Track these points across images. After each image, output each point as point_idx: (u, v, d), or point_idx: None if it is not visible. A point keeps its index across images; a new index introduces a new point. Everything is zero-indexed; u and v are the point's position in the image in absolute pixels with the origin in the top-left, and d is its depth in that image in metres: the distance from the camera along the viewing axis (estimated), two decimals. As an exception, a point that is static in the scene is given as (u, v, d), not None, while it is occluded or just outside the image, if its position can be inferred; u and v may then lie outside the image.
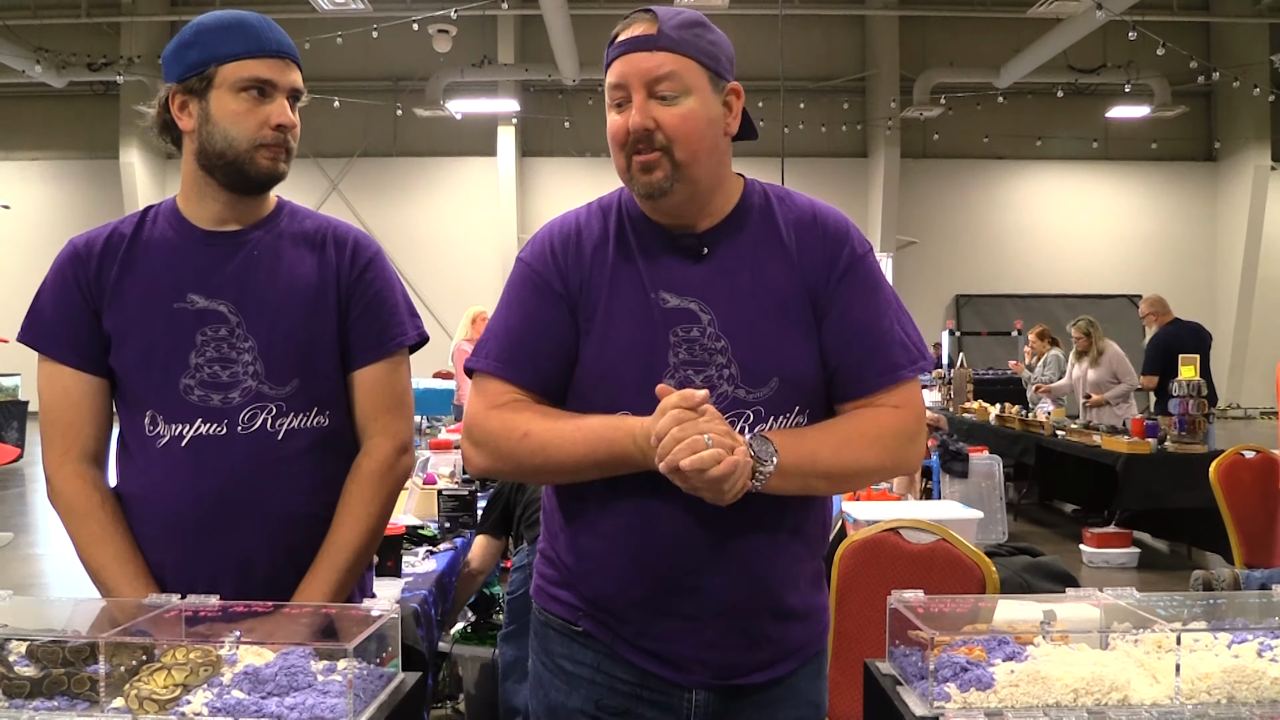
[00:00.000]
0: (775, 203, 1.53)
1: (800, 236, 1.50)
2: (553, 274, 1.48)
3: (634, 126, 1.39)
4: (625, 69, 1.41)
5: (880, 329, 1.48)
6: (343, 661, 1.21)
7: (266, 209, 1.74)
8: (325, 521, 1.68)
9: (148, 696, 1.15)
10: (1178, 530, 6.70)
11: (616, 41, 1.44)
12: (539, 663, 1.59)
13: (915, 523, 2.53)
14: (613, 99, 1.43)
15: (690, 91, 1.41)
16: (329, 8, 12.69)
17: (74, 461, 1.65)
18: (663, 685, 1.49)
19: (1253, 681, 1.28)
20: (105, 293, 1.65)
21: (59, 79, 14.91)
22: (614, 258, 1.48)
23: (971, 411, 8.92)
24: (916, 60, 16.07)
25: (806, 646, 1.55)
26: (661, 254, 1.48)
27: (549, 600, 1.56)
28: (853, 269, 1.49)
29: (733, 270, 1.47)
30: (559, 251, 1.50)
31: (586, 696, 1.51)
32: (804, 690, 1.56)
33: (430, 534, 3.29)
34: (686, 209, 1.46)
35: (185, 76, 1.63)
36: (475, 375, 1.51)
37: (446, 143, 16.75)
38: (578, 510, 1.51)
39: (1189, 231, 17.13)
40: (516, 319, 1.50)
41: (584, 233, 1.51)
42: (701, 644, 1.46)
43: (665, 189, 1.42)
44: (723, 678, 1.49)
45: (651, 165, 1.40)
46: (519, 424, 1.43)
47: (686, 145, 1.40)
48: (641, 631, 1.47)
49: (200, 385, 1.62)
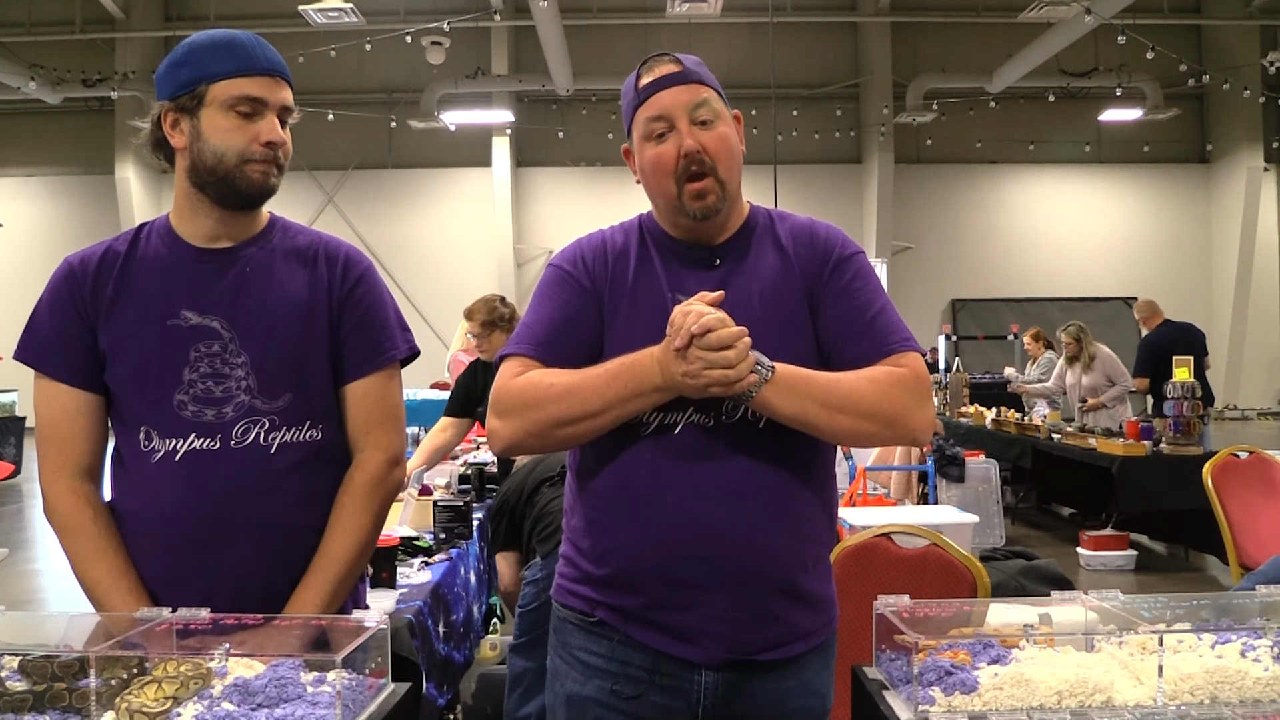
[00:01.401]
0: (776, 220, 1.70)
1: (798, 243, 1.66)
2: (582, 274, 1.63)
3: (689, 149, 1.55)
4: (667, 101, 1.58)
5: (873, 311, 1.60)
6: (332, 673, 1.22)
7: (259, 225, 1.75)
8: (318, 534, 1.69)
9: (138, 709, 1.16)
10: (1175, 532, 6.71)
11: (645, 83, 1.60)
12: (557, 657, 1.67)
13: (907, 528, 2.54)
14: (653, 131, 1.59)
15: (720, 117, 1.60)
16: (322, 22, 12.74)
17: (69, 477, 1.67)
18: (674, 667, 1.56)
19: (1235, 682, 1.30)
20: (100, 310, 1.67)
21: (54, 95, 14.95)
22: (636, 264, 1.64)
23: (968, 416, 8.94)
24: (909, 66, 16.13)
25: (815, 634, 1.61)
26: (679, 264, 1.64)
27: (568, 596, 1.65)
28: (844, 263, 1.63)
29: (740, 276, 1.62)
30: (588, 257, 1.65)
31: (600, 685, 1.59)
32: (811, 679, 1.61)
33: (425, 545, 3.30)
34: (715, 227, 1.63)
35: (177, 94, 1.64)
36: (505, 360, 1.61)
37: (441, 154, 16.79)
38: (594, 493, 1.60)
39: (1183, 234, 17.17)
40: (547, 309, 1.63)
41: (609, 244, 1.67)
42: (712, 615, 1.53)
43: (718, 209, 1.59)
44: (730, 652, 1.54)
45: (705, 192, 1.57)
46: (544, 378, 1.54)
47: (727, 164, 1.59)
48: (655, 602, 1.54)
49: (194, 401, 1.64)
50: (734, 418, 1.54)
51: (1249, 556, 4.00)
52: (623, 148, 1.71)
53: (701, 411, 1.54)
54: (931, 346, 14.24)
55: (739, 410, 1.53)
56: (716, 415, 1.54)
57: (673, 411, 1.54)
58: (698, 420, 1.54)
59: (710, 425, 1.54)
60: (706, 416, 1.54)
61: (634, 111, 1.62)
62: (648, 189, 1.64)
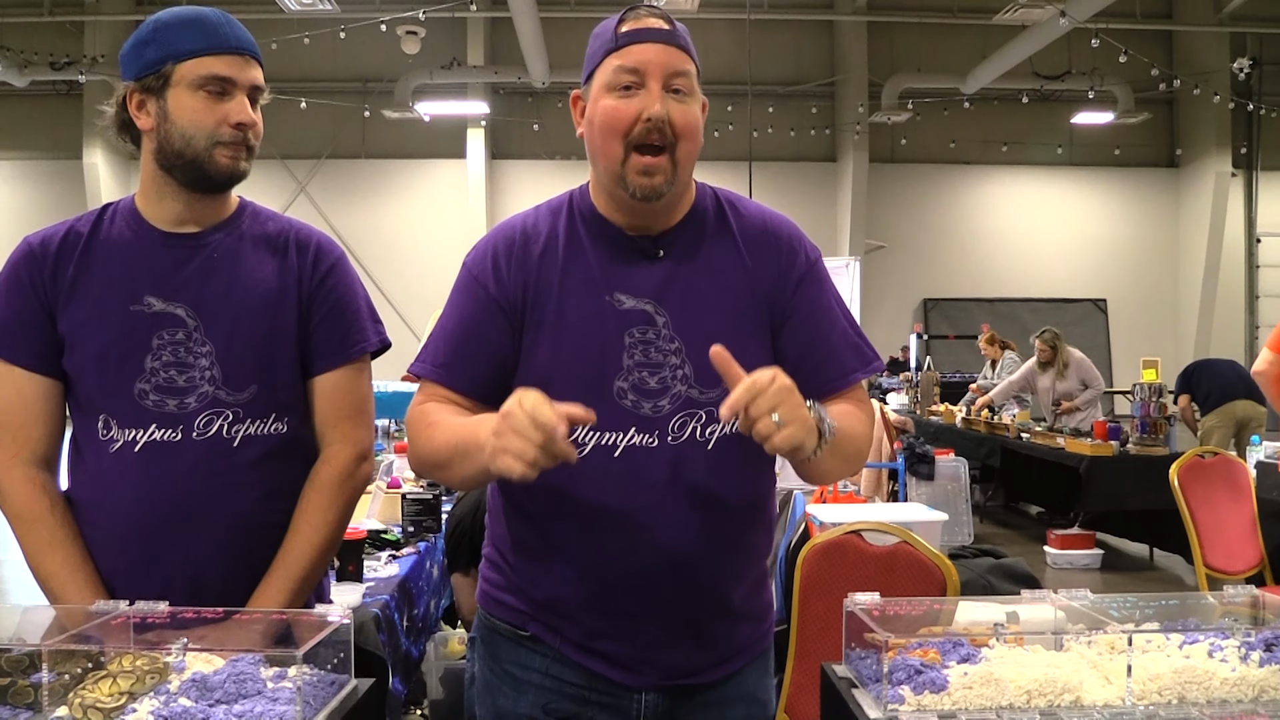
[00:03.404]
0: (727, 208, 1.54)
1: (752, 244, 1.51)
2: (489, 279, 1.48)
3: (655, 113, 1.37)
4: (647, 56, 1.39)
5: (835, 334, 1.52)
6: (293, 668, 1.20)
7: (228, 210, 1.71)
8: (281, 529, 1.66)
9: (92, 705, 1.13)
10: (1140, 531, 6.78)
11: (627, 29, 1.42)
12: (486, 669, 1.58)
13: (877, 525, 2.54)
14: (619, 82, 1.40)
15: (694, 93, 1.43)
16: (296, 8, 12.60)
17: (24, 465, 1.62)
18: (611, 687, 1.49)
19: (1203, 682, 1.30)
20: (60, 293, 1.62)
21: (20, 78, 14.68)
22: (565, 259, 1.47)
23: (938, 414, 8.98)
24: (884, 65, 16.17)
25: (753, 645, 1.57)
26: (616, 255, 1.47)
27: (495, 605, 1.56)
28: (807, 277, 1.51)
29: (688, 273, 1.47)
30: (502, 258, 1.49)
31: (534, 702, 1.51)
32: (752, 688, 1.57)
33: (393, 538, 3.27)
34: (658, 209, 1.46)
35: (143, 74, 1.60)
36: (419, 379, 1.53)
37: (415, 145, 16.67)
38: (522, 511, 1.50)
39: (1152, 237, 17.35)
40: (452, 324, 1.51)
41: (531, 235, 1.50)
42: (648, 644, 1.47)
43: (662, 193, 1.42)
44: (671, 678, 1.49)
45: (654, 170, 1.40)
46: (429, 416, 1.45)
47: (687, 145, 1.42)
48: (589, 632, 1.47)
49: (155, 390, 1.60)
50: (680, 438, 1.42)
51: (1214, 556, 4.04)
52: (572, 94, 1.51)
53: (644, 431, 1.42)
54: (903, 345, 14.32)
55: (686, 430, 1.42)
56: (661, 435, 1.42)
57: (611, 431, 1.41)
58: (640, 441, 1.41)
59: (654, 445, 1.42)
60: (649, 437, 1.42)
61: (603, 56, 1.43)
62: (590, 147, 1.45)
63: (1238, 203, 17.07)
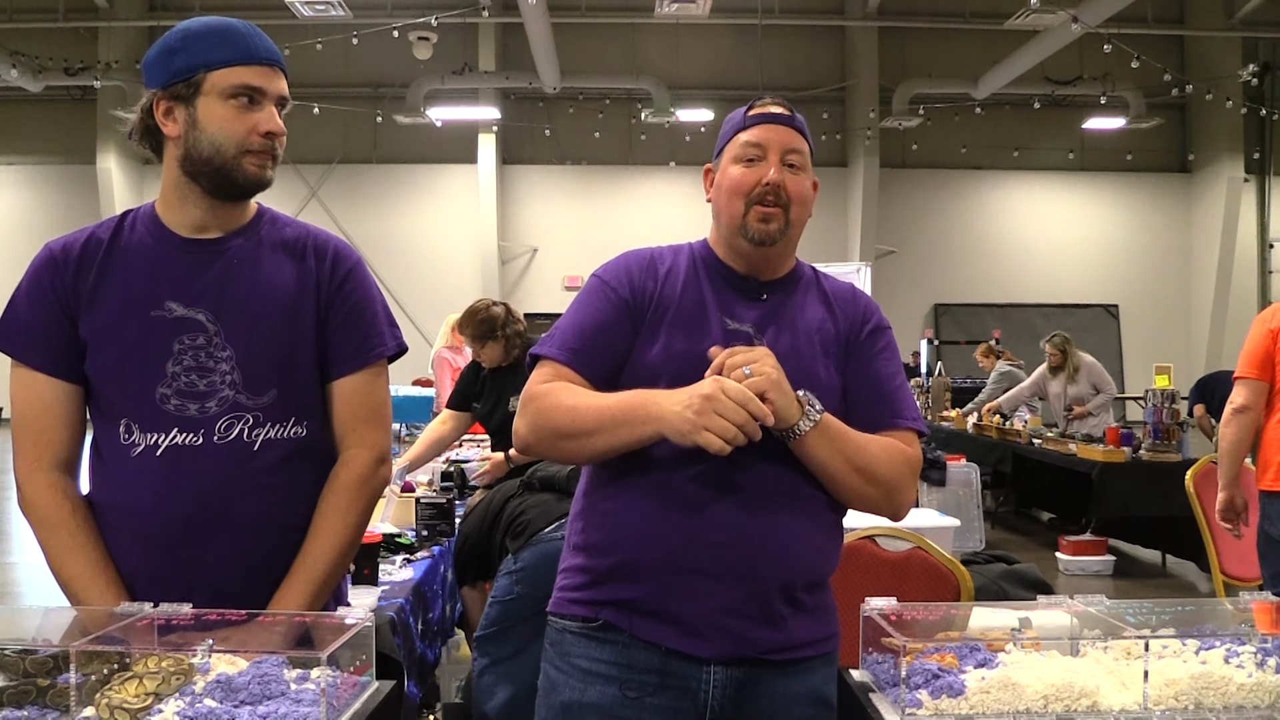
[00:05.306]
0: (821, 276, 1.80)
1: (838, 299, 1.76)
2: (624, 286, 1.68)
3: (773, 179, 1.65)
4: (770, 135, 1.68)
5: (895, 384, 1.70)
6: (316, 670, 1.21)
7: (247, 216, 1.73)
8: (301, 532, 1.67)
9: (119, 705, 1.14)
10: (1153, 538, 6.75)
11: (755, 113, 1.71)
12: (553, 668, 1.64)
13: (891, 530, 2.54)
14: (745, 155, 1.68)
15: (806, 169, 1.71)
16: (309, 14, 12.68)
17: (46, 469, 1.63)
18: (682, 665, 1.55)
19: (1219, 688, 1.30)
20: (82, 299, 1.63)
21: (35, 83, 14.80)
22: (685, 283, 1.70)
23: (949, 419, 8.97)
24: (895, 71, 16.18)
25: (821, 643, 1.62)
26: (727, 290, 1.70)
27: (568, 605, 1.64)
28: (877, 332, 1.74)
29: (784, 312, 1.70)
30: (634, 270, 1.71)
31: (603, 690, 1.57)
32: (820, 687, 1.61)
33: (408, 542, 3.28)
34: (768, 261, 1.70)
35: (171, 82, 1.61)
36: (538, 362, 1.65)
37: (427, 150, 16.74)
38: (608, 484, 1.62)
39: (1164, 242, 17.31)
40: (582, 317, 1.67)
41: (658, 259, 1.74)
42: (719, 608, 1.53)
43: (776, 238, 1.66)
44: (739, 649, 1.54)
45: (770, 217, 1.65)
46: (560, 391, 1.59)
47: (799, 208, 1.68)
48: (662, 589, 1.54)
49: (177, 394, 1.61)
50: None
51: (1230, 564, 4.02)
52: (705, 167, 1.79)
53: None
54: (914, 350, 14.30)
55: None
56: None
57: None
58: None
59: None
60: None
61: (733, 134, 1.71)
62: (715, 207, 1.72)
63: (1250, 208, 17.03)
